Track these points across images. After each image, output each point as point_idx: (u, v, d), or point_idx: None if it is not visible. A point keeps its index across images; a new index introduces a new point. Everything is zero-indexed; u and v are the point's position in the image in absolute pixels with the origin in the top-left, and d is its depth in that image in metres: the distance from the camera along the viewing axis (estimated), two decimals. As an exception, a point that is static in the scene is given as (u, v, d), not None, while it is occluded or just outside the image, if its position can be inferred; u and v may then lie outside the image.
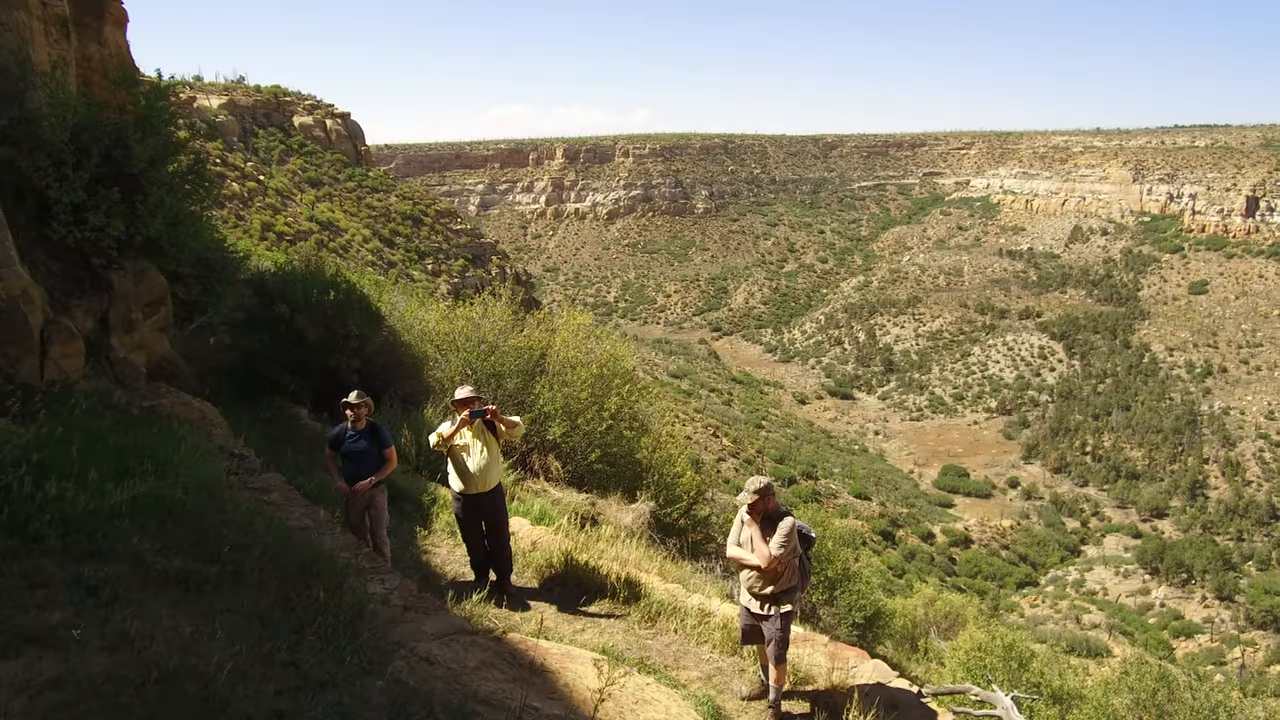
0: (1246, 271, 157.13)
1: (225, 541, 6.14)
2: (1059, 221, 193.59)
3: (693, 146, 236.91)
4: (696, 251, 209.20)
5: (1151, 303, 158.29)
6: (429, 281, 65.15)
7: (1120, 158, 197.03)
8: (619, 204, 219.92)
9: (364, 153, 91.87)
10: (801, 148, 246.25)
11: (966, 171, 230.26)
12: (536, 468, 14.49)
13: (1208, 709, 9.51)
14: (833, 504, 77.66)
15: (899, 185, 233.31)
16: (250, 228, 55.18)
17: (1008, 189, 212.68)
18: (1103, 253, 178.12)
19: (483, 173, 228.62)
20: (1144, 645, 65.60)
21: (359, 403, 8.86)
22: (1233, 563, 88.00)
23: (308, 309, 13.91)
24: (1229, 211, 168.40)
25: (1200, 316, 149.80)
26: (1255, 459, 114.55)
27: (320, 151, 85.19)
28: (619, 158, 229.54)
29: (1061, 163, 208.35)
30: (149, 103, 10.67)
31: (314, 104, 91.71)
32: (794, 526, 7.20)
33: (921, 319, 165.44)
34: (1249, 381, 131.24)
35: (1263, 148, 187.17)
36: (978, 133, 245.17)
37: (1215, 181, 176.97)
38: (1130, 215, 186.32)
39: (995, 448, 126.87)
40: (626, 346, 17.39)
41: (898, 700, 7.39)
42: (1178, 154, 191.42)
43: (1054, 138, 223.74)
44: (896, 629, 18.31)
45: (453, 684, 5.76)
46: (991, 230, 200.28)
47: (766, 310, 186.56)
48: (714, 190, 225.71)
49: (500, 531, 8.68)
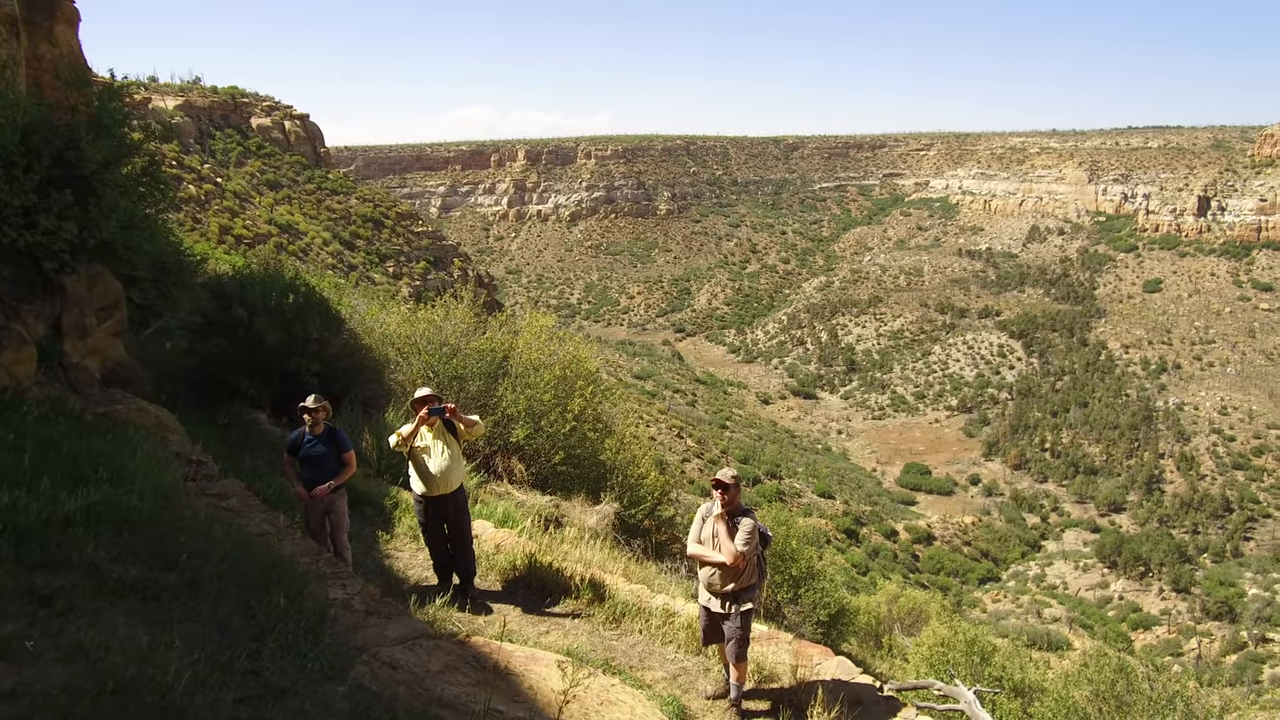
0: (1199, 270, 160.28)
1: (183, 549, 6.04)
2: (1017, 221, 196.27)
3: (655, 148, 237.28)
4: (659, 253, 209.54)
5: (1107, 301, 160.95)
6: (390, 284, 64.69)
7: (1076, 159, 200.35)
8: (581, 205, 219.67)
9: (323, 155, 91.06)
10: (763, 149, 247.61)
11: (926, 172, 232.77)
12: (500, 470, 14.43)
13: (1165, 699, 9.65)
14: (797, 503, 78.03)
15: (860, 186, 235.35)
16: (208, 231, 54.49)
17: (966, 190, 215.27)
18: (1060, 252, 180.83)
19: (444, 174, 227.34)
20: (1103, 638, 66.59)
21: (316, 407, 8.76)
22: (1188, 555, 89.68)
23: (266, 312, 13.75)
24: (1181, 211, 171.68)
25: (1155, 314, 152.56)
26: (1209, 453, 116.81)
27: (279, 153, 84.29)
28: (581, 159, 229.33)
29: (1019, 164, 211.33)
30: (102, 104, 10.49)
31: (272, 105, 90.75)
32: (755, 524, 7.24)
33: (883, 319, 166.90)
34: (1202, 377, 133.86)
35: (1213, 148, 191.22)
36: (937, 134, 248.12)
37: (1168, 182, 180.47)
38: (1086, 215, 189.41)
39: (956, 445, 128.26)
40: (590, 348, 17.37)
41: (861, 696, 7.44)
42: (1131, 155, 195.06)
43: (1011, 139, 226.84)
44: (861, 626, 18.42)
45: (416, 688, 5.72)
46: (951, 230, 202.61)
47: (730, 311, 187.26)
48: (676, 191, 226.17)
49: (463, 534, 8.63)
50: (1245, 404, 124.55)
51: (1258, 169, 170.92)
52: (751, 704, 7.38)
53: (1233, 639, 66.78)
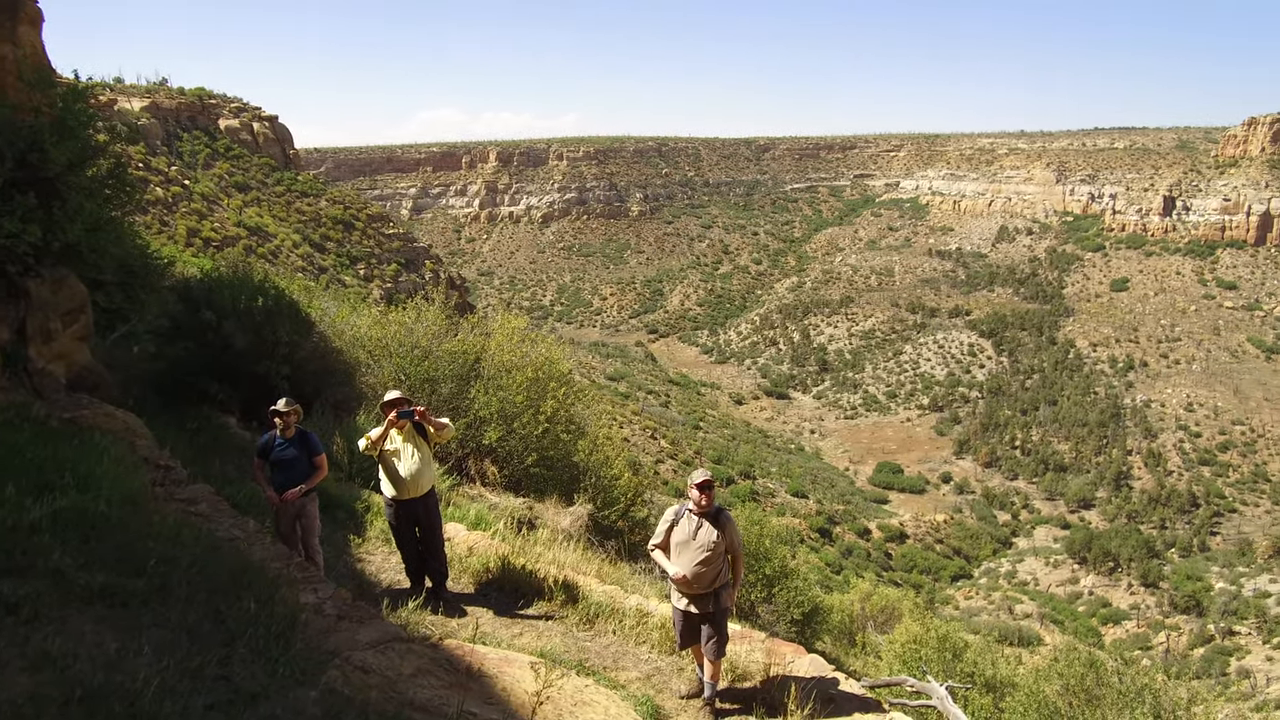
0: (1164, 269, 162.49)
1: (151, 555, 5.98)
2: (986, 222, 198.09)
3: (626, 149, 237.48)
4: (632, 254, 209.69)
5: (1075, 300, 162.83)
6: (361, 287, 64.25)
7: (1044, 159, 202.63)
8: (553, 207, 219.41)
9: (293, 156, 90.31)
10: (734, 150, 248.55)
11: (896, 173, 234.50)
12: (473, 473, 14.38)
13: (1134, 692, 9.77)
14: (770, 503, 78.32)
15: (831, 187, 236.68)
16: (175, 233, 53.93)
17: (936, 190, 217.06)
18: (1028, 252, 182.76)
19: (415, 176, 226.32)
20: (1074, 633, 67.24)
21: (287, 410, 8.68)
22: (1156, 550, 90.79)
23: (235, 315, 13.62)
24: (1147, 211, 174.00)
25: (1122, 313, 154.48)
26: (1176, 450, 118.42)
27: (247, 155, 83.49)
28: (553, 161, 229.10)
29: (988, 164, 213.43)
30: (66, 105, 10.36)
31: (240, 107, 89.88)
32: (732, 524, 7.30)
33: (854, 319, 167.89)
34: (1168, 375, 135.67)
35: (1178, 149, 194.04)
36: (906, 135, 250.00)
37: (1134, 182, 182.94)
38: (1054, 215, 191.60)
39: (928, 444, 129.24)
40: (562, 349, 17.34)
41: (833, 693, 7.49)
42: (1098, 155, 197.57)
43: (980, 140, 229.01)
44: (834, 624, 18.51)
45: (388, 692, 5.69)
46: (921, 231, 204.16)
47: (702, 312, 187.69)
48: (648, 193, 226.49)
49: (434, 537, 8.59)
50: (1210, 400, 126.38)
51: (1221, 169, 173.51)
52: (725, 703, 7.40)
53: (1200, 632, 67.62)
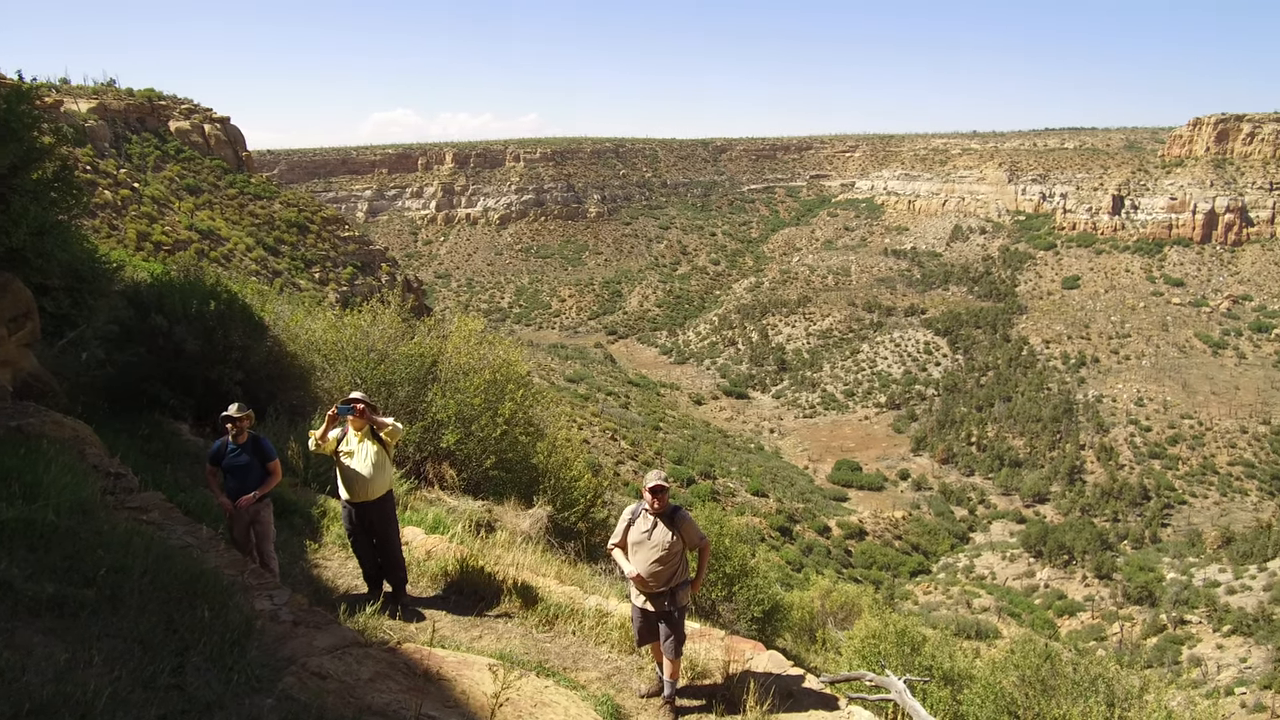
0: (1114, 267, 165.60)
1: (102, 564, 5.90)
2: (940, 221, 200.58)
3: (584, 150, 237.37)
4: (590, 255, 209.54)
5: (1028, 298, 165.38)
6: (316, 290, 63.59)
7: (996, 159, 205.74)
8: (511, 209, 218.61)
9: (245, 159, 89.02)
10: (691, 151, 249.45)
11: (851, 174, 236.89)
12: (431, 476, 14.29)
13: (1088, 681, 9.96)
14: (731, 502, 78.61)
15: (787, 188, 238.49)
16: (125, 237, 52.89)
17: (891, 190, 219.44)
18: (982, 251, 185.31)
19: (370, 178, 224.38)
20: (1030, 625, 68.29)
21: (240, 416, 8.58)
22: (1109, 543, 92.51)
23: (187, 320, 13.44)
24: (1097, 210, 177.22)
25: (1073, 310, 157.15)
26: (1127, 444, 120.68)
27: (199, 157, 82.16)
28: (510, 162, 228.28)
29: (941, 164, 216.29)
30: (9, 106, 10.16)
31: (191, 108, 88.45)
32: (691, 523, 7.35)
33: (812, 318, 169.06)
34: (1119, 370, 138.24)
35: (1126, 149, 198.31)
36: (861, 136, 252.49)
37: (1084, 181, 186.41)
38: (1006, 214, 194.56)
39: (886, 441, 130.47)
40: (520, 351, 17.28)
41: (793, 689, 7.55)
42: (1049, 155, 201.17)
43: (934, 140, 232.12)
44: (795, 621, 18.61)
45: (346, 698, 5.66)
46: (877, 230, 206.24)
47: (661, 313, 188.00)
48: (606, 194, 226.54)
49: (390, 541, 8.53)
50: (1160, 395, 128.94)
51: (1167, 169, 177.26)
52: (685, 700, 7.44)
53: (1153, 622, 68.89)
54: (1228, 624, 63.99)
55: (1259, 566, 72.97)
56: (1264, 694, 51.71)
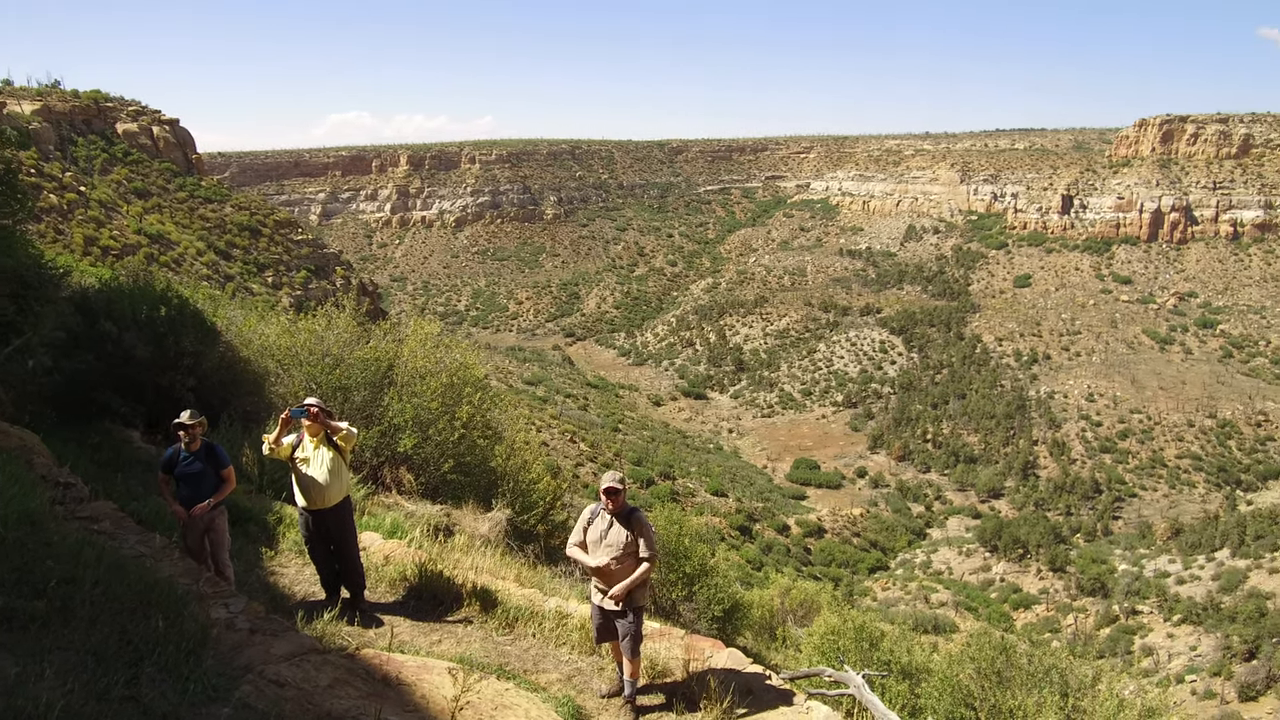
0: (1064, 265, 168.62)
1: (52, 575, 5.82)
2: (894, 221, 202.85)
3: (540, 152, 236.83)
4: (547, 257, 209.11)
5: (981, 296, 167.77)
6: (270, 295, 62.80)
7: (948, 160, 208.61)
8: (467, 211, 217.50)
9: (195, 161, 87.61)
10: (648, 153, 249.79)
11: (807, 175, 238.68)
12: (388, 481, 14.18)
13: (1042, 672, 10.14)
14: (690, 502, 78.86)
15: (743, 189, 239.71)
16: (71, 242, 51.84)
17: (846, 191, 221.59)
18: (935, 250, 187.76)
19: (324, 181, 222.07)
20: (987, 619, 69.24)
21: (192, 423, 8.46)
22: (1063, 536, 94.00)
23: (136, 326, 13.24)
24: (1047, 209, 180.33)
25: (1025, 308, 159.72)
26: (1079, 438, 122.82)
27: (147, 160, 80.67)
28: (465, 164, 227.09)
29: (895, 165, 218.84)
30: (-51, 111, 9.96)
31: (139, 110, 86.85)
32: (646, 524, 7.37)
33: (769, 318, 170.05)
34: (1070, 367, 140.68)
35: (1074, 149, 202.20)
36: (816, 137, 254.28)
37: (1034, 181, 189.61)
38: (959, 214, 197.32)
39: (843, 440, 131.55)
40: (477, 354, 17.23)
41: (752, 686, 7.61)
42: (1000, 156, 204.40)
43: (887, 141, 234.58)
44: (755, 620, 18.70)
45: (304, 704, 5.62)
46: (832, 231, 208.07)
47: (619, 314, 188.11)
48: (563, 196, 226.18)
49: (348, 547, 8.46)
50: (1110, 390, 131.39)
51: (1115, 169, 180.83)
52: (646, 699, 7.47)
53: (1106, 613, 70.15)
54: (1178, 613, 65.35)
55: (1207, 557, 74.61)
56: (1214, 681, 52.93)
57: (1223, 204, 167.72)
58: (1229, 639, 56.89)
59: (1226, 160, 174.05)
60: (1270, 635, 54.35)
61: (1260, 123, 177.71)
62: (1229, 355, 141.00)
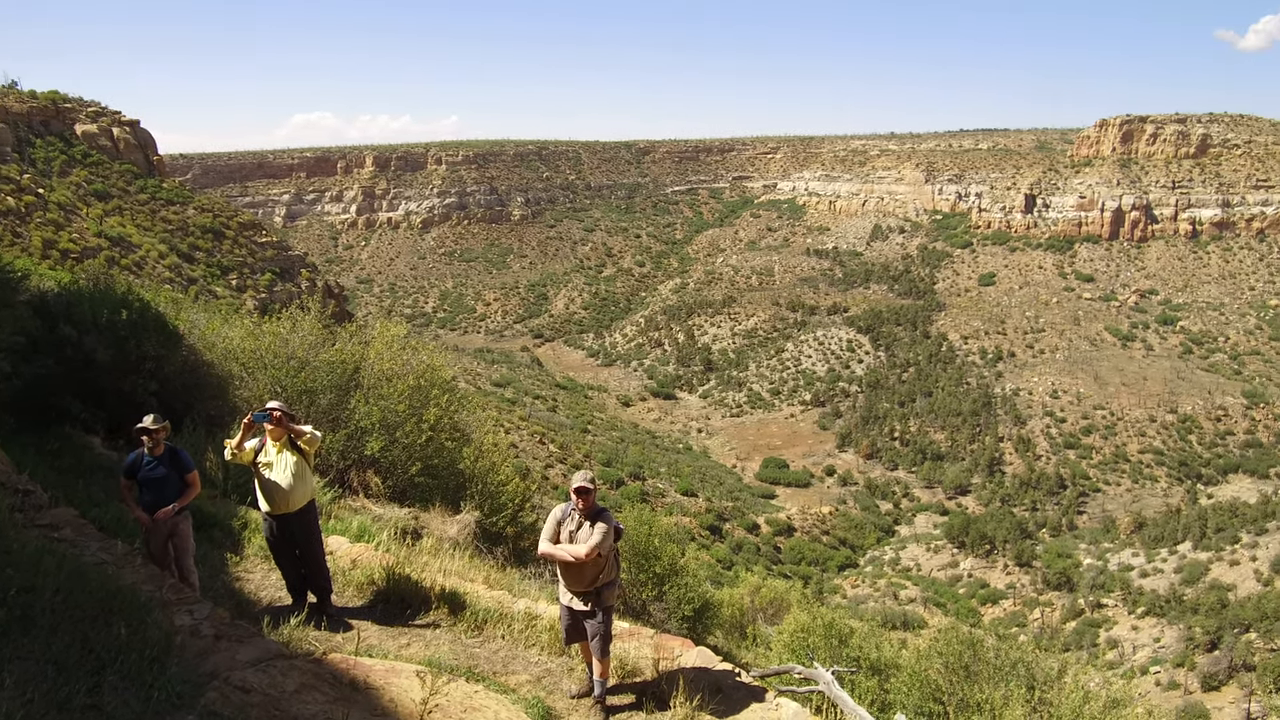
0: (1028, 263, 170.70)
1: (11, 584, 5.72)
2: (860, 221, 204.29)
3: (507, 153, 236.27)
4: (515, 259, 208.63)
5: (947, 295, 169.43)
6: (234, 297, 62.07)
7: (913, 160, 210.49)
8: (433, 212, 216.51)
9: (157, 163, 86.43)
10: (615, 153, 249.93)
11: (773, 175, 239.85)
12: (355, 485, 14.08)
13: (1009, 666, 10.25)
14: (661, 502, 78.97)
15: (710, 189, 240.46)
16: (30, 245, 51.02)
17: (812, 191, 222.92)
18: (901, 249, 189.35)
19: (288, 182, 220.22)
20: (955, 614, 69.97)
21: (156, 428, 8.35)
22: (1029, 531, 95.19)
23: (97, 330, 13.05)
24: (1010, 209, 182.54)
25: (990, 306, 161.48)
26: (1043, 435, 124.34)
27: (108, 162, 79.47)
28: (432, 165, 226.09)
29: (860, 165, 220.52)
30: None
31: (99, 111, 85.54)
32: (612, 523, 7.37)
33: (737, 318, 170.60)
34: (1034, 364, 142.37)
35: (1037, 149, 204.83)
36: (782, 138, 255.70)
37: (997, 181, 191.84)
38: (924, 214, 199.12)
39: (812, 438, 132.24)
40: (444, 356, 17.17)
41: (722, 684, 7.63)
42: (964, 156, 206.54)
43: (853, 142, 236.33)
44: (725, 618, 18.72)
45: (271, 710, 5.57)
46: (799, 231, 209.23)
47: (587, 315, 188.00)
48: (530, 197, 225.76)
49: (314, 551, 8.38)
50: (1073, 387, 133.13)
51: (1076, 169, 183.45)
52: (616, 699, 7.47)
53: (1071, 607, 71.08)
54: (1141, 606, 66.36)
55: (1169, 550, 75.79)
56: (1177, 672, 53.80)
57: (1182, 203, 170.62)
58: (1191, 630, 57.84)
59: (1185, 160, 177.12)
60: (1231, 626, 55.34)
61: (1217, 123, 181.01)
62: (1189, 351, 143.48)
